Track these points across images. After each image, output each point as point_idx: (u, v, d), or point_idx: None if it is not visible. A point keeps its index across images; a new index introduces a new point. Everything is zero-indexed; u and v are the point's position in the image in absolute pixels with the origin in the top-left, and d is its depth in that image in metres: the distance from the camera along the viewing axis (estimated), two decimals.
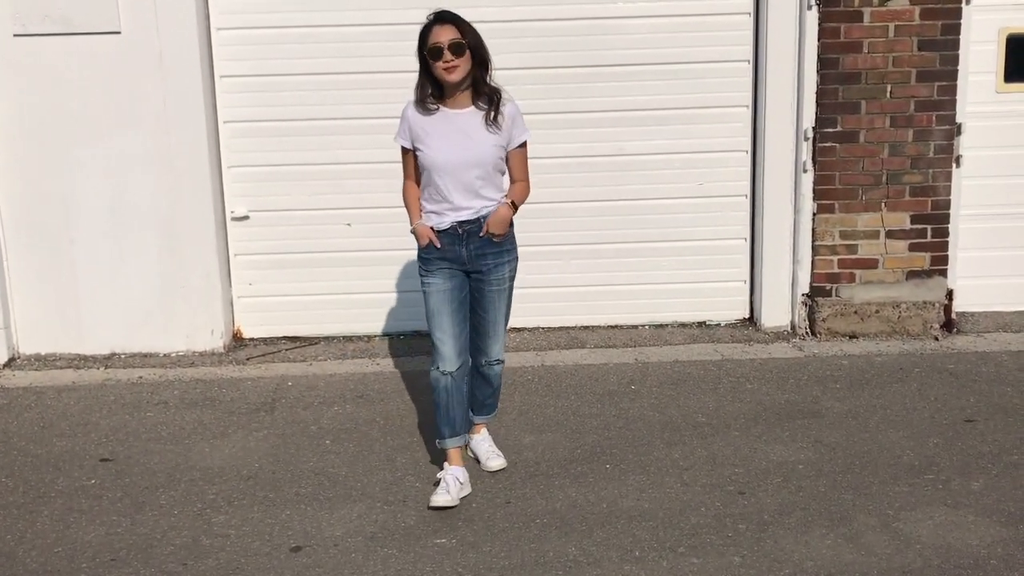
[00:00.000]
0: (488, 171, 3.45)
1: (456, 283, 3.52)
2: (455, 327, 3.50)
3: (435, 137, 3.44)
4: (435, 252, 3.50)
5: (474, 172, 3.42)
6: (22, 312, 5.33)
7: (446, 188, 3.44)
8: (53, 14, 5.02)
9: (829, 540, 3.19)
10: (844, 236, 5.28)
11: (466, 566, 3.09)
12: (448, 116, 3.45)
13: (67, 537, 3.34)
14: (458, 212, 3.46)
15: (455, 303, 3.51)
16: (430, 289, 3.52)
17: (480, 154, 3.42)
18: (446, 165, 3.42)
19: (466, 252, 3.48)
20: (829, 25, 5.06)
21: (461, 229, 3.46)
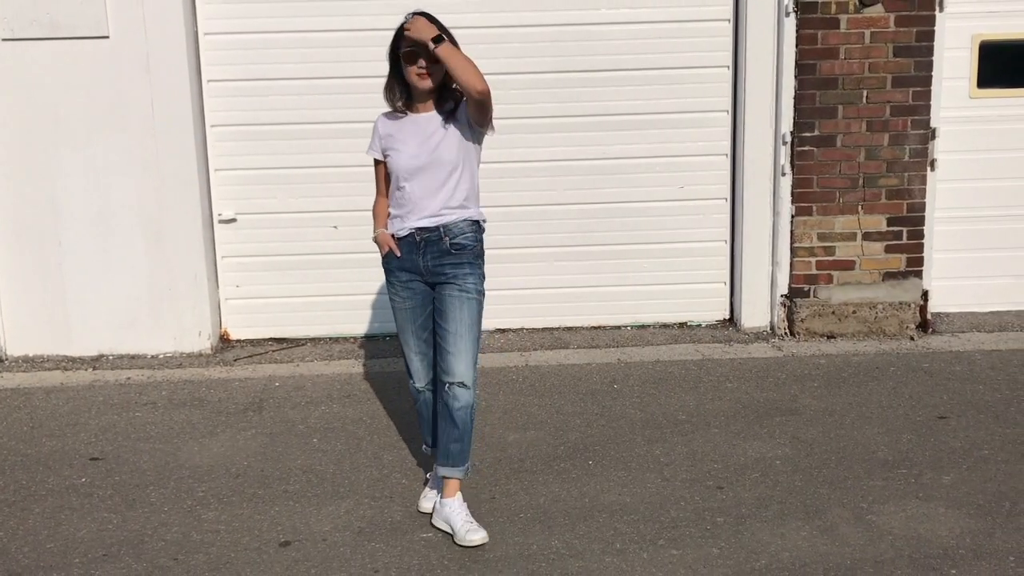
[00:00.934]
0: (451, 170, 3.29)
1: (419, 300, 3.40)
2: (421, 344, 3.43)
3: (401, 141, 3.33)
4: (395, 262, 3.38)
5: (439, 174, 3.29)
6: (9, 314, 5.36)
7: (411, 191, 3.30)
8: (41, 18, 5.07)
9: (804, 532, 3.28)
10: (822, 238, 5.39)
11: (452, 558, 3.16)
12: (415, 120, 3.33)
13: (59, 534, 3.39)
14: (418, 216, 3.30)
15: (419, 320, 3.41)
16: (395, 305, 3.45)
17: (444, 154, 3.28)
18: (410, 167, 3.29)
19: (422, 262, 3.33)
20: (806, 32, 5.17)
21: (419, 236, 3.31)
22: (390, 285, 3.45)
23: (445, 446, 3.35)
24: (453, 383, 3.28)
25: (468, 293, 3.32)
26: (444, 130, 3.32)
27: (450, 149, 3.30)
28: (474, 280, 3.35)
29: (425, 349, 3.45)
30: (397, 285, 3.43)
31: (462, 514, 3.30)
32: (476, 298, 3.33)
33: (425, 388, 3.51)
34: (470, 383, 3.28)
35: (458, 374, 3.27)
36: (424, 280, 3.39)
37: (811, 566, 3.07)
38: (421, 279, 3.39)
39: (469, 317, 3.31)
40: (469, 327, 3.30)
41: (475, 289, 3.34)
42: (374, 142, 3.46)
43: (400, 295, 3.43)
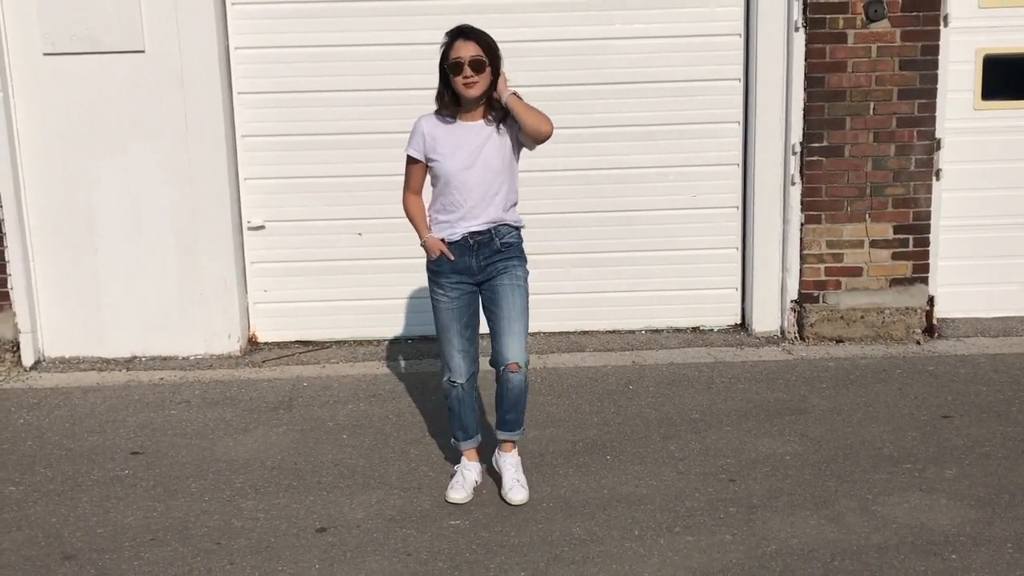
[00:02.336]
0: (501, 179, 3.52)
1: (466, 299, 3.59)
2: (464, 342, 3.61)
3: (450, 147, 3.51)
4: (446, 265, 3.56)
5: (488, 181, 3.50)
6: (47, 317, 5.58)
7: (463, 198, 3.51)
8: (81, 34, 5.30)
9: (813, 521, 3.46)
10: (830, 245, 5.57)
11: (480, 544, 3.35)
12: (464, 127, 3.53)
13: (108, 520, 3.59)
14: (470, 222, 3.52)
15: (464, 318, 3.59)
16: (439, 305, 3.61)
17: (493, 162, 3.49)
18: (461, 174, 3.49)
19: (475, 263, 3.54)
20: (815, 46, 5.36)
21: (472, 240, 3.52)
22: (437, 286, 3.62)
23: (502, 417, 3.65)
24: (508, 364, 3.52)
25: (518, 281, 3.57)
26: (492, 139, 3.54)
27: (498, 158, 3.53)
28: (522, 271, 3.61)
29: (467, 346, 3.65)
30: (447, 286, 3.61)
31: (511, 471, 3.67)
32: (525, 286, 3.59)
33: (462, 384, 3.69)
34: (523, 363, 3.53)
35: (513, 355, 3.51)
36: (473, 281, 3.61)
37: (819, 551, 3.24)
38: (471, 280, 3.60)
39: (521, 302, 3.56)
40: (521, 312, 3.55)
41: (524, 278, 3.60)
42: (415, 142, 3.61)
43: (448, 295, 3.61)
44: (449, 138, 3.55)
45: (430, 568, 3.20)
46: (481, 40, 3.46)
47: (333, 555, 3.30)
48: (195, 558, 3.30)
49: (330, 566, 3.22)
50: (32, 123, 5.39)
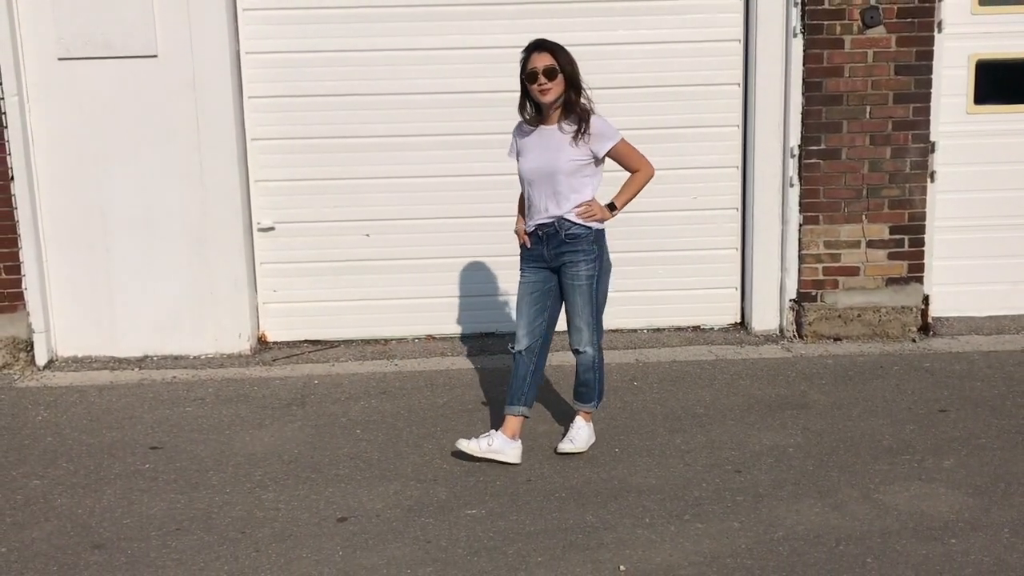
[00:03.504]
0: (563, 180, 3.91)
1: (540, 277, 4.05)
2: (529, 315, 4.06)
3: (527, 150, 4.01)
4: (525, 251, 4.08)
5: (550, 181, 3.92)
6: (60, 317, 5.67)
7: (530, 195, 4.00)
8: (95, 39, 5.40)
9: (817, 509, 3.59)
10: (828, 246, 5.71)
11: (496, 532, 3.46)
12: (541, 132, 3.97)
13: (133, 511, 3.70)
14: (538, 216, 3.98)
15: (535, 294, 4.05)
16: (521, 280, 4.11)
17: (555, 166, 3.89)
18: (529, 174, 3.99)
19: (547, 252, 4.00)
20: (813, 51, 5.51)
21: (541, 231, 3.99)
22: (523, 262, 4.13)
23: (576, 389, 4.21)
24: (576, 348, 4.07)
25: (578, 279, 3.98)
26: (563, 143, 3.92)
27: (564, 161, 3.91)
28: (588, 268, 3.99)
29: (531, 319, 4.08)
30: (525, 268, 4.11)
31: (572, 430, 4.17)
32: (588, 283, 4.00)
33: (520, 351, 4.09)
34: (589, 348, 4.05)
35: (576, 342, 4.07)
36: (548, 266, 4.04)
37: (824, 537, 3.37)
38: (546, 265, 4.05)
39: (581, 300, 4.01)
40: (582, 307, 4.02)
41: (587, 275, 3.99)
42: (511, 144, 4.14)
43: (525, 275, 4.11)
44: (528, 141, 4.03)
45: (449, 555, 3.31)
46: (554, 51, 3.87)
47: (355, 543, 3.41)
48: (221, 546, 3.41)
49: (352, 553, 3.33)
50: (46, 126, 5.48)
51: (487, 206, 5.79)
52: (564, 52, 3.88)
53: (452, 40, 5.65)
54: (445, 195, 5.81)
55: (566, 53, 3.88)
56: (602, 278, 4.05)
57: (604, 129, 3.92)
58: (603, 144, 3.92)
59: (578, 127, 3.89)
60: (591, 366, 4.10)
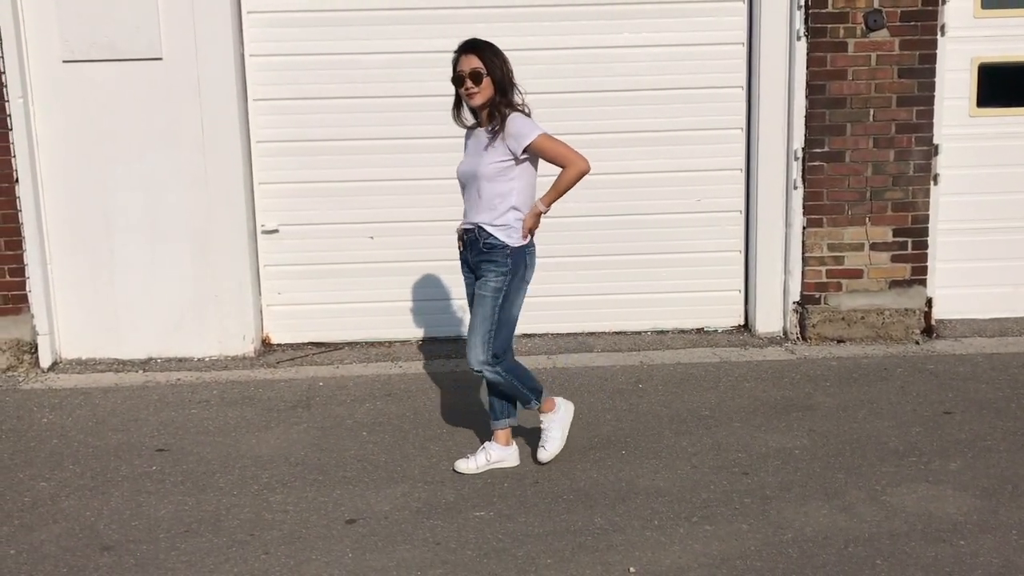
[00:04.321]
0: (484, 185, 3.75)
1: (471, 282, 3.96)
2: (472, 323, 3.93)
3: (465, 152, 3.94)
4: (460, 255, 3.99)
5: (473, 185, 3.80)
6: (64, 319, 5.67)
7: (464, 197, 3.91)
8: (100, 41, 5.41)
9: (825, 510, 3.59)
10: (832, 248, 5.72)
11: (506, 533, 3.46)
12: (475, 134, 3.88)
13: (141, 513, 3.69)
14: (464, 220, 3.89)
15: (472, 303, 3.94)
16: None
17: (476, 170, 3.76)
18: (459, 177, 3.91)
19: (470, 258, 3.89)
20: (816, 55, 5.52)
21: (467, 236, 3.88)
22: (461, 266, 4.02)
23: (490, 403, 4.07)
24: (472, 368, 3.87)
25: (483, 291, 3.82)
26: (490, 147, 3.77)
27: (484, 165, 3.77)
28: (494, 279, 3.80)
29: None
30: (463, 271, 4.01)
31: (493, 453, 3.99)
32: (490, 296, 3.80)
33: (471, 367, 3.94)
34: (485, 369, 3.85)
35: (471, 360, 3.86)
36: (473, 273, 3.93)
37: (833, 538, 3.37)
38: (471, 271, 3.95)
39: (480, 313, 3.82)
40: (480, 322, 3.82)
41: (491, 288, 3.80)
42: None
43: (465, 279, 4.02)
44: (467, 144, 3.95)
45: (459, 556, 3.31)
46: (482, 53, 3.72)
47: (364, 545, 3.41)
48: (230, 548, 3.40)
49: (362, 555, 3.33)
50: (51, 128, 5.49)
51: None
52: (493, 54, 3.72)
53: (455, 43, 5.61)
54: (449, 197, 5.73)
55: (495, 55, 3.72)
56: (511, 296, 3.82)
57: (521, 126, 3.68)
58: (519, 141, 3.67)
59: (494, 127, 3.73)
60: (500, 381, 3.88)
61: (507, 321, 3.86)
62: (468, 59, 3.74)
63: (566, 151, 3.75)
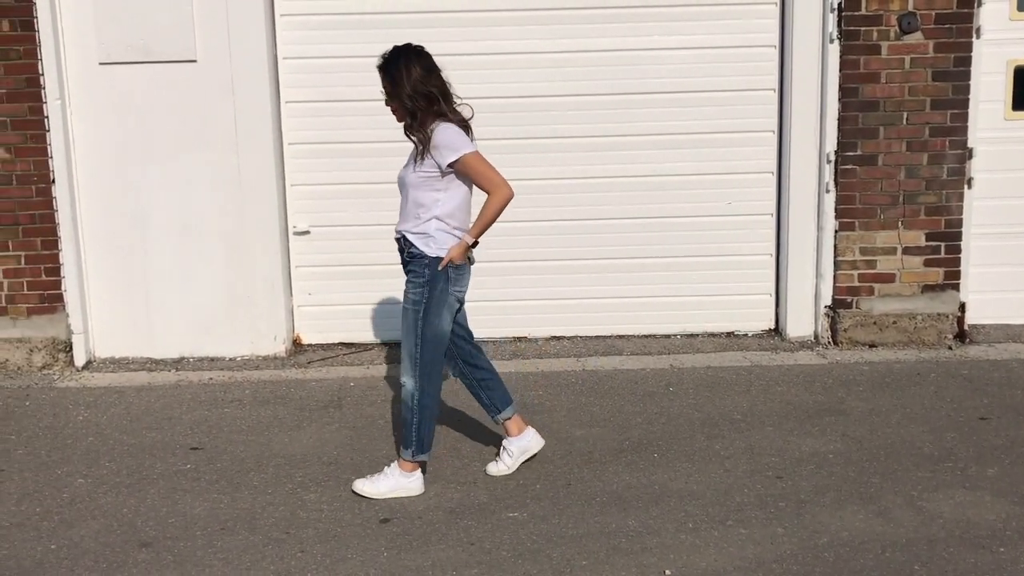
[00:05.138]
0: (410, 193, 3.76)
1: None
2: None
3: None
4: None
5: (403, 192, 3.81)
6: (98, 318, 5.73)
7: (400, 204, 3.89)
8: (135, 44, 5.46)
9: (861, 515, 3.57)
10: (864, 252, 5.68)
11: (539, 535, 3.47)
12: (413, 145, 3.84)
13: (177, 510, 3.73)
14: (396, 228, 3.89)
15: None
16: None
17: (405, 178, 3.79)
18: (397, 183, 3.90)
19: (401, 264, 3.89)
20: (849, 58, 5.49)
21: (397, 244, 3.89)
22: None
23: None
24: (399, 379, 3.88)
25: (406, 303, 3.83)
26: (417, 155, 3.77)
27: (410, 173, 3.77)
28: (413, 290, 3.79)
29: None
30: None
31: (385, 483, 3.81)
32: (411, 308, 3.79)
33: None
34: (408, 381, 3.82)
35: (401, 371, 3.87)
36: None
37: (869, 543, 3.35)
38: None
39: (405, 325, 3.81)
40: (406, 334, 3.82)
41: (411, 300, 3.79)
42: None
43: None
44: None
45: (493, 557, 3.32)
46: (385, 71, 3.72)
47: (399, 544, 3.42)
48: (266, 546, 3.43)
49: (397, 554, 3.35)
50: (87, 130, 5.55)
51: (520, 211, 5.74)
52: (392, 71, 3.68)
53: (485, 45, 5.68)
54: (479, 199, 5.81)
55: (396, 70, 3.67)
56: (433, 309, 3.73)
57: (450, 139, 3.64)
58: (445, 155, 3.63)
59: (420, 138, 3.70)
60: (408, 403, 3.80)
61: (432, 338, 3.76)
62: (382, 79, 3.74)
63: (492, 175, 3.68)
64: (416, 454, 3.81)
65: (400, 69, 3.67)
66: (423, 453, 3.83)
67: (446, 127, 3.67)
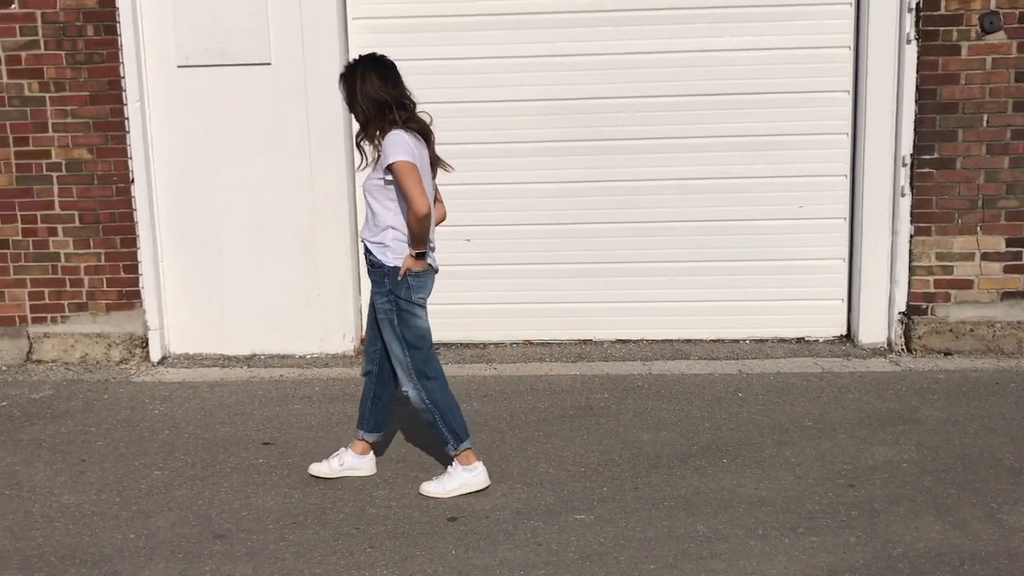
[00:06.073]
0: (369, 200, 3.77)
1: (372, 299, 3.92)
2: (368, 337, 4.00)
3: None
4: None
5: (365, 200, 3.81)
6: (173, 315, 5.88)
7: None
8: (213, 47, 5.59)
9: (937, 527, 3.48)
10: (940, 257, 5.54)
11: (607, 538, 3.46)
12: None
13: (250, 504, 3.81)
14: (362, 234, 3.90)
15: (371, 317, 3.95)
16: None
17: (365, 184, 3.80)
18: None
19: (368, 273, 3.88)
20: (927, 58, 5.37)
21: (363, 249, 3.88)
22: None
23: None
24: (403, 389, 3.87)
25: (379, 311, 3.83)
26: (374, 163, 3.80)
27: (369, 181, 3.79)
28: (380, 300, 3.81)
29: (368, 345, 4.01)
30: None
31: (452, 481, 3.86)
32: (385, 317, 3.80)
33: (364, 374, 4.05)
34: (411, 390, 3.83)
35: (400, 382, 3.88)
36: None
37: (946, 555, 3.27)
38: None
39: (386, 334, 3.82)
40: (389, 342, 3.83)
41: (383, 308, 3.81)
42: None
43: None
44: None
45: (561, 558, 3.32)
46: (345, 80, 3.78)
47: (467, 542, 3.44)
48: (336, 541, 3.48)
49: (465, 552, 3.37)
50: (165, 131, 5.70)
51: (586, 212, 5.81)
52: (349, 79, 3.74)
53: (554, 47, 5.69)
54: (544, 201, 5.84)
55: (352, 78, 3.73)
56: (405, 316, 3.78)
57: (390, 145, 3.64)
58: (385, 159, 3.66)
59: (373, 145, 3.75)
60: (421, 406, 3.83)
61: (415, 339, 3.80)
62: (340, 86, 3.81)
63: (410, 187, 3.62)
64: (457, 446, 3.85)
65: (356, 77, 3.74)
66: (463, 441, 3.85)
67: (395, 133, 3.69)
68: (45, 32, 5.52)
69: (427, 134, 3.83)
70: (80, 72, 5.56)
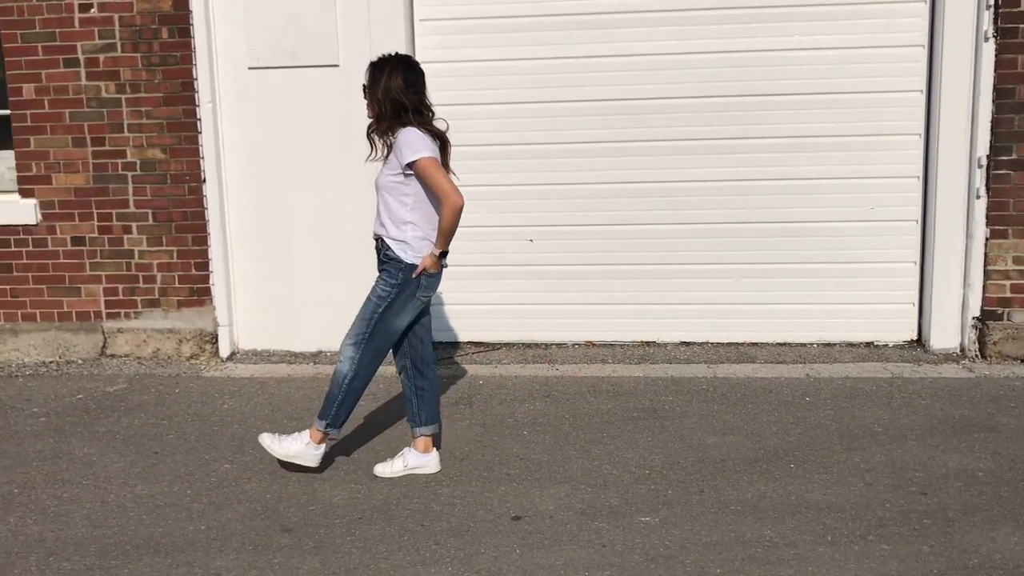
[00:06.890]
0: (384, 196, 3.82)
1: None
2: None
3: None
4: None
5: (378, 196, 3.85)
6: (242, 312, 5.99)
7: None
8: (282, 49, 5.70)
9: (1016, 537, 3.38)
10: (1017, 262, 5.39)
11: (672, 540, 3.43)
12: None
13: (317, 499, 3.86)
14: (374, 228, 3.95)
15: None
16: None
17: (378, 181, 3.85)
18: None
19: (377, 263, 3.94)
20: (1006, 56, 5.22)
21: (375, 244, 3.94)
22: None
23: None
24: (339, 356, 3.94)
25: (371, 294, 3.91)
26: (386, 158, 3.85)
27: (382, 176, 3.85)
28: (382, 286, 3.87)
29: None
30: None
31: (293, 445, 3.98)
32: (375, 300, 3.88)
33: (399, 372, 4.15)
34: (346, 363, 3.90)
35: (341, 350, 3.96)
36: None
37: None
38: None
39: (362, 313, 3.91)
40: (359, 320, 3.92)
41: (377, 292, 3.88)
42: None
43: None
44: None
45: (626, 560, 3.30)
46: (371, 70, 3.87)
47: (531, 542, 3.44)
48: (402, 537, 3.51)
49: (529, 552, 3.37)
50: (236, 131, 5.81)
51: (649, 214, 5.78)
52: (376, 72, 3.82)
53: (616, 47, 5.67)
54: (607, 202, 5.82)
55: (379, 71, 3.81)
56: (396, 308, 3.85)
57: (408, 141, 3.72)
58: (405, 153, 3.70)
59: (387, 142, 3.81)
60: (338, 380, 3.89)
61: (384, 330, 3.88)
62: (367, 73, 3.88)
63: (442, 182, 3.69)
64: (330, 428, 3.94)
65: (383, 71, 3.82)
66: (335, 429, 3.96)
67: (410, 130, 3.77)
68: (122, 35, 5.68)
69: (444, 140, 3.89)
70: (155, 74, 5.71)
